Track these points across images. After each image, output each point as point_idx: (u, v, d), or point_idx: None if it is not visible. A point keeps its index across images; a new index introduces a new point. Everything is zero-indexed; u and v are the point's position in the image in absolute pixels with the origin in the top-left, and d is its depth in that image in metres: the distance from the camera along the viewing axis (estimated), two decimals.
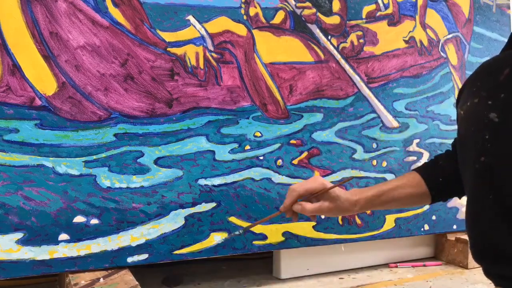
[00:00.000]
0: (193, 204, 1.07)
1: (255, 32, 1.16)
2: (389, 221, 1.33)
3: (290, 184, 1.18)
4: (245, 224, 1.11)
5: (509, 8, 1.62)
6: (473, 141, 0.66)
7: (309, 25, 1.23)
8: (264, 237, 1.14)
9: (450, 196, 0.90)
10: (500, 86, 0.62)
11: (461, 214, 1.46)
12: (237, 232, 0.95)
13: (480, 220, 0.66)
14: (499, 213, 0.63)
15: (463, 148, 0.70)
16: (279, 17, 1.19)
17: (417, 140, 1.40)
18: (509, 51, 0.67)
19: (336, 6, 1.28)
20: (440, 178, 0.87)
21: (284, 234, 1.17)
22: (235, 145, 1.12)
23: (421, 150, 1.40)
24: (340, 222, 1.25)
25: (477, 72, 0.69)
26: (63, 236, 0.94)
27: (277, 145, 1.18)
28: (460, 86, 1.49)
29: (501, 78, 0.62)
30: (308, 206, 0.86)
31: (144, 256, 1.01)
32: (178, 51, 1.07)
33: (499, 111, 0.61)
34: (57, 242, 0.93)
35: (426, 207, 1.39)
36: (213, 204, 1.09)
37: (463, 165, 0.71)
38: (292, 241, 1.18)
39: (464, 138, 0.69)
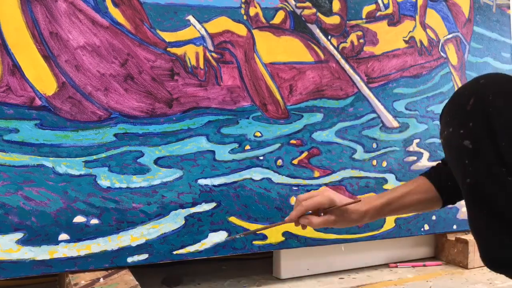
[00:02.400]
0: (193, 204, 1.07)
1: (255, 32, 1.16)
2: (389, 221, 1.33)
3: (290, 184, 1.18)
4: (245, 224, 1.11)
5: (509, 8, 1.62)
6: (456, 166, 0.72)
7: (309, 25, 1.23)
8: (264, 237, 1.14)
9: (460, 199, 0.90)
10: (468, 115, 0.68)
11: (461, 214, 1.46)
12: (237, 236, 0.96)
13: (483, 235, 0.71)
14: (500, 226, 0.68)
15: (452, 170, 0.75)
16: (279, 17, 1.19)
17: (417, 140, 1.40)
18: (475, 77, 0.72)
19: (336, 6, 1.28)
20: (449, 182, 0.87)
21: (284, 234, 1.17)
22: (235, 145, 1.12)
23: (421, 150, 1.40)
24: None
25: (450, 101, 0.74)
26: (63, 236, 0.94)
27: (277, 145, 1.18)
28: (460, 86, 1.49)
29: (468, 108, 0.68)
30: (315, 220, 0.86)
31: (144, 256, 1.01)
32: (178, 51, 1.07)
33: (471, 139, 0.67)
34: (57, 242, 0.93)
35: None
36: (213, 204, 1.09)
37: (459, 184, 0.75)
38: (292, 241, 1.18)
39: (450, 163, 0.75)
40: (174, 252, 1.04)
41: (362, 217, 0.88)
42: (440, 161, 0.93)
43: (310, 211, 0.86)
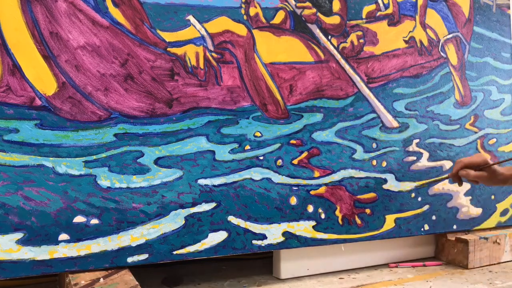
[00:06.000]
0: (193, 204, 1.07)
1: (255, 32, 1.16)
2: (389, 221, 1.33)
3: (290, 184, 1.18)
4: (245, 224, 1.12)
5: (509, 8, 1.62)
6: None
7: (309, 25, 1.23)
8: (264, 237, 1.14)
9: None
10: None
11: (461, 214, 1.46)
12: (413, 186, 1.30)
13: None
14: None
15: None
16: (279, 17, 1.19)
17: (417, 140, 1.40)
18: None
19: (336, 6, 1.28)
20: None
21: (284, 234, 1.17)
22: (235, 145, 1.12)
23: (421, 150, 1.40)
24: (340, 222, 1.25)
25: None
26: (63, 236, 0.94)
27: (277, 145, 1.18)
28: (460, 86, 1.50)
29: None
30: (472, 172, 1.15)
31: (144, 256, 1.01)
32: (178, 51, 1.07)
33: None
34: (57, 242, 0.93)
35: (426, 207, 1.39)
36: (213, 204, 1.09)
37: None
38: (292, 241, 1.18)
39: None
40: (174, 252, 1.04)
41: (506, 180, 1.17)
42: None
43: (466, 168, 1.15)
